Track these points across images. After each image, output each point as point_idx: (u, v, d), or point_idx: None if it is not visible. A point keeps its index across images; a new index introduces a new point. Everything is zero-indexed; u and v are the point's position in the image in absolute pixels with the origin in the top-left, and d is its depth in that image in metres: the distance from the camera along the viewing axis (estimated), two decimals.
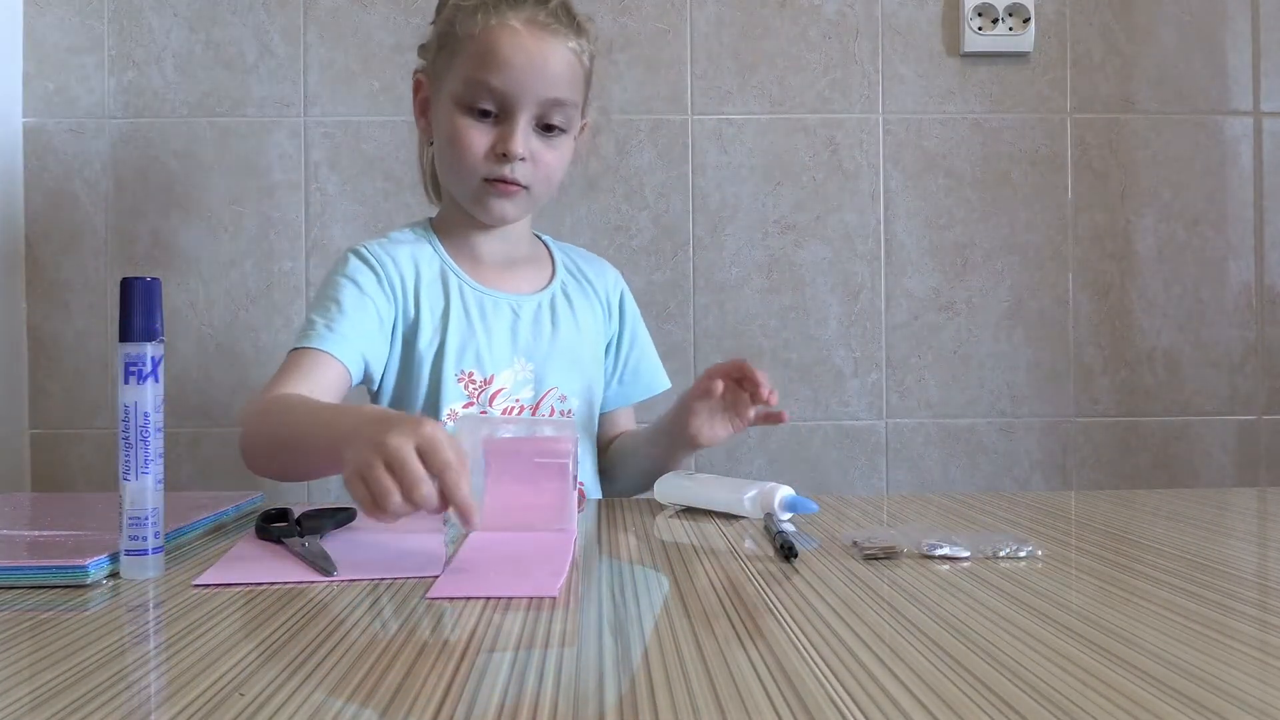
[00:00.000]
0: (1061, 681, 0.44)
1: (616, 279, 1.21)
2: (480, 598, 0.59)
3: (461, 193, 1.05)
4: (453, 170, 1.04)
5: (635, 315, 1.22)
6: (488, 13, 0.99)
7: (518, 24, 0.98)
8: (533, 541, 0.75)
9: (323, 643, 0.51)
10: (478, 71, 0.98)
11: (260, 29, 1.51)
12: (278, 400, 0.90)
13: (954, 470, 1.56)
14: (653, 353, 1.22)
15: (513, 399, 1.05)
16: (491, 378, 1.04)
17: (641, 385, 1.21)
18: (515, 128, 0.99)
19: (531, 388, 1.06)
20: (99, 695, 0.43)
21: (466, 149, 1.00)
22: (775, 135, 1.54)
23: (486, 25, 0.98)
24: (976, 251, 1.56)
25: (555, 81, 1.00)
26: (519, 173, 1.01)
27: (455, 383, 1.03)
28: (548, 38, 0.99)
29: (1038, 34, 1.54)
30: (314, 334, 0.98)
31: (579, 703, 0.42)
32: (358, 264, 1.04)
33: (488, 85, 0.98)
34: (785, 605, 0.57)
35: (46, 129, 1.50)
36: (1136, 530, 0.80)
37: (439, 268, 1.08)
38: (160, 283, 0.68)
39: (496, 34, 0.98)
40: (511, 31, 0.98)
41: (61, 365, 1.50)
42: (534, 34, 0.99)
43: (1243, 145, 1.57)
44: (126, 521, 0.65)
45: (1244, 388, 1.57)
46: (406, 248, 1.08)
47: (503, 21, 0.98)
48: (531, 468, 0.80)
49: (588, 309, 1.15)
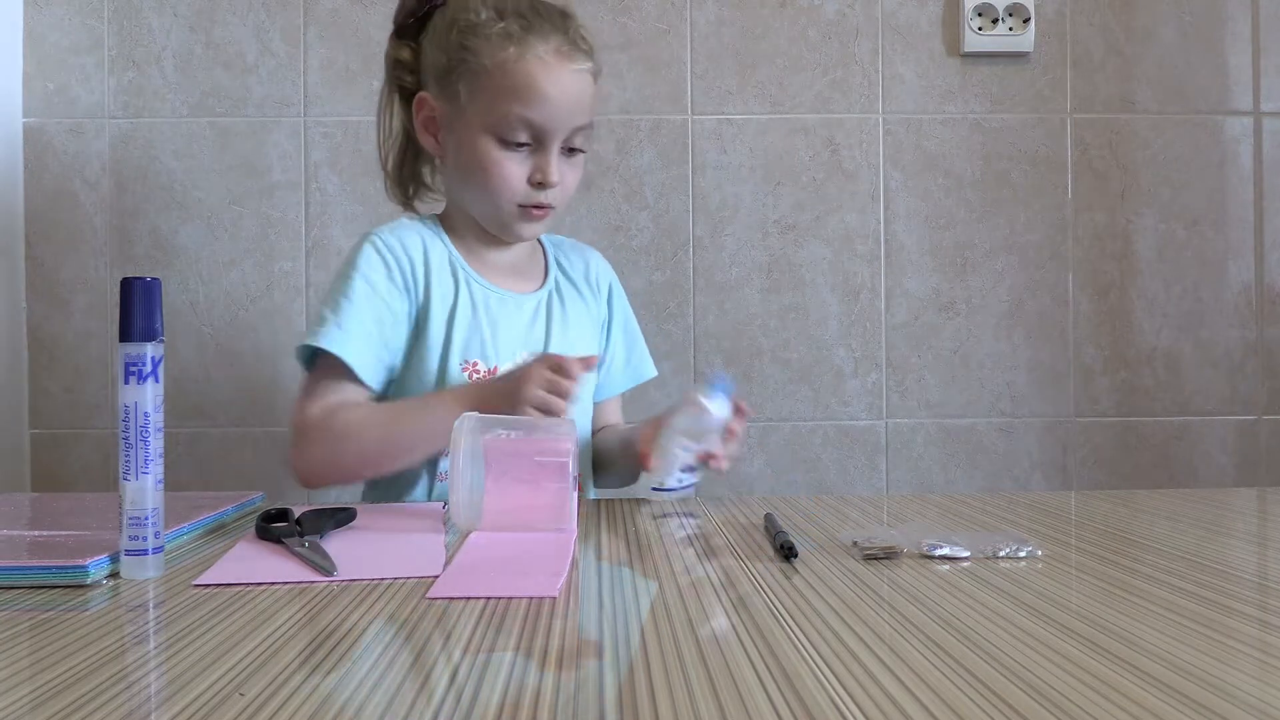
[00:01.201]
0: (1061, 681, 0.44)
1: (605, 267, 1.23)
2: (480, 598, 0.59)
3: (488, 217, 1.08)
4: (486, 198, 1.05)
5: (623, 303, 1.23)
6: (516, 43, 1.00)
7: (548, 56, 1.00)
8: (533, 541, 0.75)
9: (323, 643, 0.51)
10: (515, 105, 1.00)
11: (260, 29, 1.51)
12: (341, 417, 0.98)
13: (954, 470, 1.56)
14: (640, 340, 1.24)
15: None
16: (495, 369, 1.06)
17: (630, 373, 1.22)
18: (551, 158, 1.02)
19: None
20: (99, 695, 0.43)
21: (506, 180, 1.03)
22: (775, 135, 1.54)
23: (520, 57, 0.99)
24: (976, 251, 1.56)
25: (583, 109, 1.03)
26: (549, 197, 1.04)
27: (460, 371, 1.05)
28: (573, 68, 1.01)
29: (1038, 34, 1.54)
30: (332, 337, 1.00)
31: (579, 703, 0.42)
32: (375, 259, 1.05)
33: (525, 119, 1.00)
34: (785, 605, 0.57)
35: (46, 129, 1.50)
36: (1136, 530, 0.80)
37: (448, 259, 1.10)
38: (160, 283, 0.68)
39: (531, 68, 0.99)
40: (544, 65, 1.00)
41: (61, 365, 1.50)
42: (563, 65, 1.00)
43: (1243, 145, 1.57)
44: (126, 521, 0.65)
45: (1244, 388, 1.57)
46: (418, 236, 1.09)
47: (534, 55, 1.00)
48: (532, 467, 0.80)
49: (580, 302, 1.17)
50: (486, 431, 0.80)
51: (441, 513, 0.88)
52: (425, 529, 0.81)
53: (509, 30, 1.00)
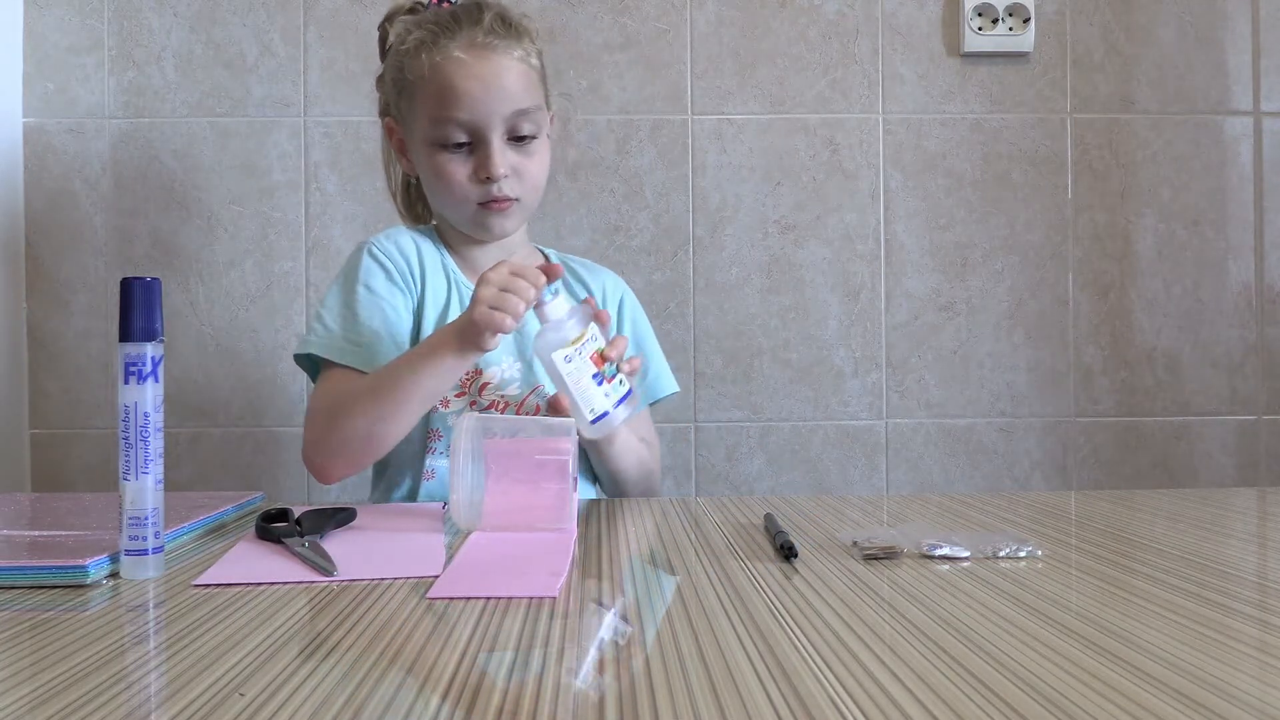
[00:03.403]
0: (1061, 681, 0.44)
1: (616, 284, 1.22)
2: (480, 598, 0.59)
3: (459, 221, 1.10)
4: (445, 204, 1.09)
5: (637, 319, 1.22)
6: (430, 50, 1.02)
7: (461, 53, 1.01)
8: (533, 541, 0.75)
9: (323, 643, 0.51)
10: (439, 110, 1.02)
11: (260, 29, 1.51)
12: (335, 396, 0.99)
13: (954, 470, 1.56)
14: (657, 356, 1.22)
15: (499, 393, 1.08)
16: (482, 371, 1.07)
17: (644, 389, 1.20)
18: (490, 151, 1.03)
19: (518, 385, 1.09)
20: (99, 695, 0.43)
21: (452, 182, 1.05)
22: (775, 135, 1.54)
23: (432, 63, 1.02)
24: (976, 251, 1.56)
25: (513, 95, 1.03)
26: (506, 188, 1.04)
27: None
28: (493, 57, 1.02)
29: (1038, 34, 1.54)
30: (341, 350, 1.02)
31: (579, 703, 0.42)
32: (373, 266, 1.08)
33: (453, 120, 1.02)
34: (785, 605, 0.57)
35: (46, 129, 1.50)
36: (1136, 530, 0.81)
37: (441, 263, 1.12)
38: (160, 283, 0.68)
39: (444, 70, 1.01)
40: (457, 63, 1.01)
41: (61, 365, 1.50)
42: (479, 58, 1.01)
43: (1243, 145, 1.57)
44: (126, 521, 0.65)
45: (1244, 388, 1.57)
46: (412, 240, 1.12)
47: (446, 56, 1.01)
48: (532, 466, 0.80)
49: None
50: (487, 432, 0.80)
51: (441, 513, 0.88)
52: (425, 529, 0.81)
53: (421, 39, 1.03)
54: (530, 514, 0.79)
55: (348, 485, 1.51)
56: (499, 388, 1.08)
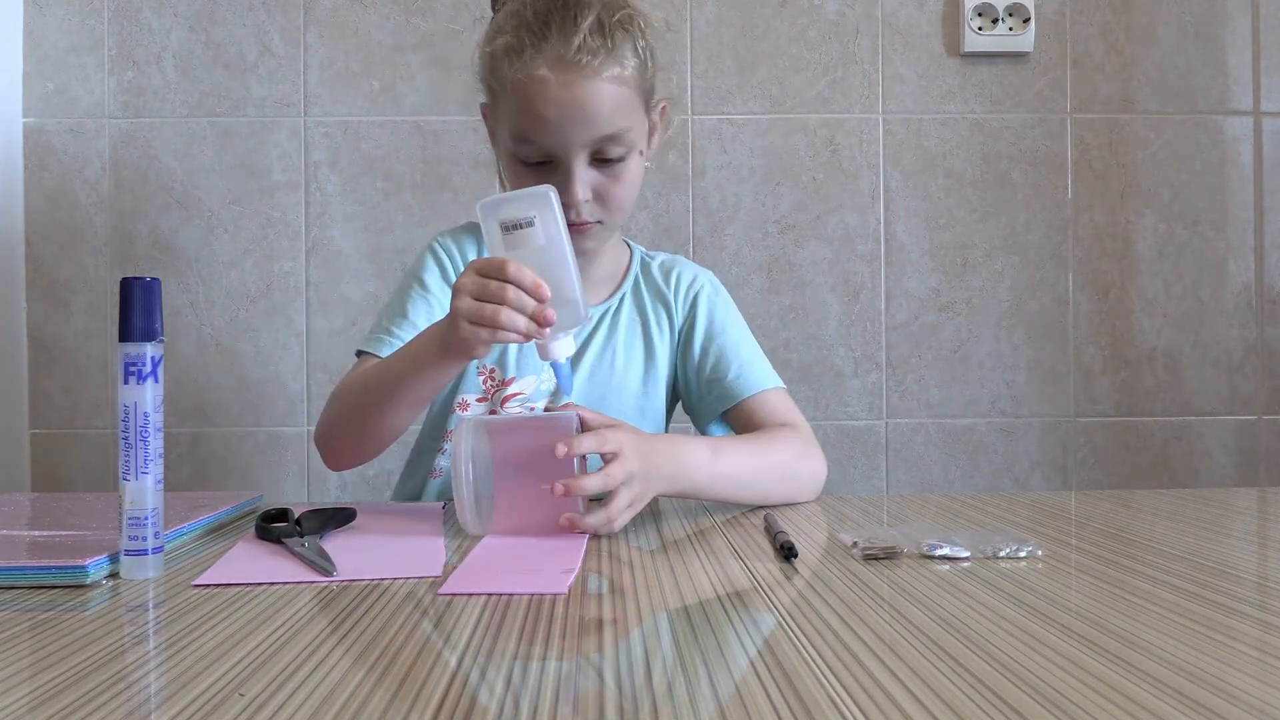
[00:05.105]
0: (1061, 681, 0.44)
1: (696, 276, 1.12)
2: (486, 594, 0.59)
3: None
4: None
5: (721, 312, 1.11)
6: (515, 60, 0.92)
7: (546, 71, 0.91)
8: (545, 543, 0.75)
9: (323, 643, 0.51)
10: (519, 127, 0.94)
11: (260, 29, 1.51)
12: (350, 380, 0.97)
13: (954, 470, 1.55)
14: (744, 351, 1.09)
15: (527, 405, 1.04)
16: (512, 380, 1.04)
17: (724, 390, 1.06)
18: (571, 178, 0.94)
19: (549, 400, 1.04)
20: (99, 695, 0.43)
21: None
22: (775, 135, 1.54)
23: (514, 78, 0.92)
24: (976, 251, 1.56)
25: (598, 122, 0.93)
26: (586, 213, 0.96)
27: (475, 374, 1.04)
28: (579, 81, 0.91)
29: (1038, 34, 1.54)
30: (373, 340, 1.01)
31: (579, 702, 0.42)
32: (430, 262, 1.06)
33: (531, 141, 0.94)
34: (785, 605, 0.57)
35: (46, 129, 1.50)
36: (1136, 530, 0.80)
37: None
38: (160, 283, 0.68)
39: (526, 89, 0.92)
40: (541, 83, 0.91)
41: (61, 365, 1.50)
42: (564, 82, 0.91)
43: (1243, 145, 1.57)
44: (126, 521, 0.65)
45: (1244, 388, 1.57)
46: (474, 240, 1.08)
47: (529, 74, 0.91)
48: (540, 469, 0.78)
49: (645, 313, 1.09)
50: (492, 435, 0.80)
51: (441, 513, 0.88)
52: (424, 530, 0.81)
53: (509, 45, 0.93)
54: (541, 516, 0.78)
55: (348, 486, 1.51)
56: (529, 399, 1.04)
